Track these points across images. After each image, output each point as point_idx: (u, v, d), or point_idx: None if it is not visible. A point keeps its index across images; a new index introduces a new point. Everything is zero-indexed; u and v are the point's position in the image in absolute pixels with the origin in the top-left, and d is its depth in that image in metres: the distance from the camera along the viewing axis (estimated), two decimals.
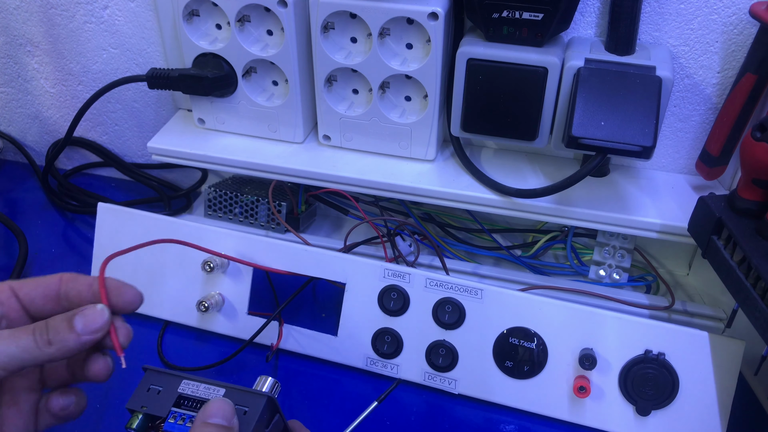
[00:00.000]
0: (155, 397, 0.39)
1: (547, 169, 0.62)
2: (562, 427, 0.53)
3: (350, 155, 0.64)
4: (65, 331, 0.37)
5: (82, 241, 0.72)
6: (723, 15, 0.54)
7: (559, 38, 0.56)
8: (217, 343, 0.59)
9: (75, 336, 0.37)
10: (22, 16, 0.72)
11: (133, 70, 0.73)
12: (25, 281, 0.41)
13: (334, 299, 0.61)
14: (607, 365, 0.52)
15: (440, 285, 0.54)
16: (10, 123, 0.82)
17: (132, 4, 0.68)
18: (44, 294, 0.40)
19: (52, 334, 0.37)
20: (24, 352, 0.36)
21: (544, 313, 0.52)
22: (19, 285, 0.40)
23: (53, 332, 0.37)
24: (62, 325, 0.37)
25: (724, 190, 0.60)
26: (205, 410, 0.37)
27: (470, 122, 0.58)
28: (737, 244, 0.45)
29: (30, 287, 0.40)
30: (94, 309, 0.38)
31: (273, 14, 0.58)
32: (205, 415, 0.37)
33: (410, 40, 0.57)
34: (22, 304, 0.40)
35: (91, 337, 0.38)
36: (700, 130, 0.60)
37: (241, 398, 0.39)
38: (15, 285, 0.40)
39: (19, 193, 0.79)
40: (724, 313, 0.60)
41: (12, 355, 0.36)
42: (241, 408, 0.38)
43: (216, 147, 0.65)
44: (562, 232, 0.66)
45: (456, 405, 0.55)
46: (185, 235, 0.58)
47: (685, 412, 0.51)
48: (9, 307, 0.40)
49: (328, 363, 0.58)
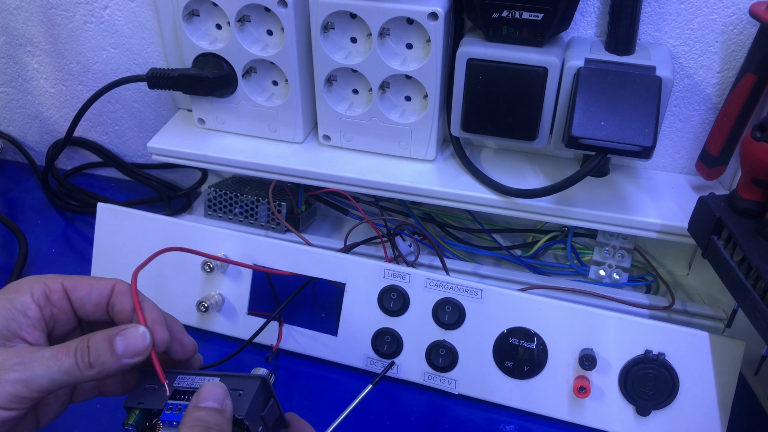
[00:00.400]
0: (152, 393, 0.39)
1: (547, 169, 0.62)
2: (562, 427, 0.53)
3: (350, 155, 0.64)
4: (106, 354, 0.36)
5: (82, 241, 0.72)
6: (723, 15, 0.54)
7: (559, 38, 0.56)
8: (217, 343, 0.59)
9: (116, 359, 0.36)
10: (22, 16, 0.72)
11: (133, 70, 0.73)
12: (79, 281, 0.40)
13: (334, 299, 0.61)
14: (607, 365, 0.52)
15: (440, 285, 0.54)
16: (10, 123, 0.82)
17: (132, 4, 0.68)
18: (96, 301, 0.40)
19: (94, 357, 0.36)
20: (65, 375, 0.36)
21: (544, 313, 0.52)
22: (72, 286, 0.40)
23: (94, 354, 0.36)
24: (103, 347, 0.36)
25: (724, 190, 0.60)
26: (198, 395, 0.36)
27: (470, 122, 0.58)
28: (737, 244, 0.45)
29: (84, 291, 0.40)
30: (135, 331, 0.38)
31: (273, 14, 0.58)
32: (198, 399, 0.36)
33: (410, 40, 0.57)
34: (72, 307, 0.40)
35: (132, 360, 0.37)
36: (700, 130, 0.60)
37: (235, 383, 0.39)
38: (69, 285, 0.40)
39: (19, 193, 0.79)
40: (724, 313, 0.60)
41: (53, 379, 0.35)
42: (235, 391, 0.38)
43: (216, 147, 0.65)
44: (562, 232, 0.66)
45: (456, 405, 0.55)
46: (185, 235, 0.58)
47: (685, 412, 0.51)
48: (59, 309, 0.39)
49: (328, 363, 0.58)
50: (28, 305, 0.38)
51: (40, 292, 0.38)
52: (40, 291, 0.38)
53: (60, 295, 0.39)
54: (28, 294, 0.38)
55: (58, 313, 0.39)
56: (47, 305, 0.38)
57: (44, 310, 0.38)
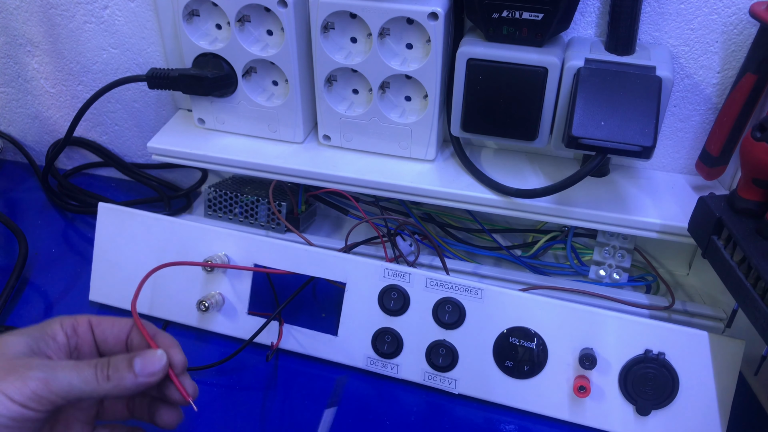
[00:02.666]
0: None
1: (547, 169, 0.62)
2: (562, 427, 0.53)
3: (350, 155, 0.64)
4: (124, 369, 0.40)
5: (82, 241, 0.72)
6: (723, 15, 0.54)
7: (559, 38, 0.56)
8: (217, 343, 0.59)
9: (132, 376, 0.40)
10: (22, 16, 0.72)
11: (133, 70, 0.73)
12: (104, 319, 0.44)
13: (334, 299, 0.61)
14: (607, 365, 0.52)
15: (440, 285, 0.54)
16: (10, 123, 0.82)
17: (132, 4, 0.68)
18: (116, 336, 0.44)
19: (112, 371, 0.39)
20: (83, 383, 0.38)
21: (544, 313, 0.52)
22: (97, 322, 0.44)
23: (113, 369, 0.39)
24: (122, 364, 0.40)
25: (724, 190, 0.60)
26: None
27: (470, 122, 0.58)
28: (737, 244, 0.45)
29: (106, 326, 0.44)
30: (153, 353, 0.41)
31: (273, 14, 0.58)
32: None
33: (410, 40, 0.57)
34: (95, 340, 0.43)
35: (148, 380, 0.40)
36: (700, 130, 0.60)
37: None
38: (94, 321, 0.44)
39: (19, 193, 0.79)
40: (724, 313, 0.60)
41: (72, 384, 0.38)
42: None
43: (216, 147, 0.65)
44: (562, 232, 0.66)
45: (456, 405, 0.55)
46: (185, 235, 0.58)
47: (685, 412, 0.51)
48: (84, 340, 0.43)
49: (328, 363, 0.58)
50: (56, 332, 0.42)
51: (69, 324, 0.43)
52: (69, 323, 0.43)
53: (85, 327, 0.43)
54: (58, 324, 0.42)
55: (82, 344, 0.43)
56: (74, 336, 0.43)
57: (70, 340, 0.42)
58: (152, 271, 0.51)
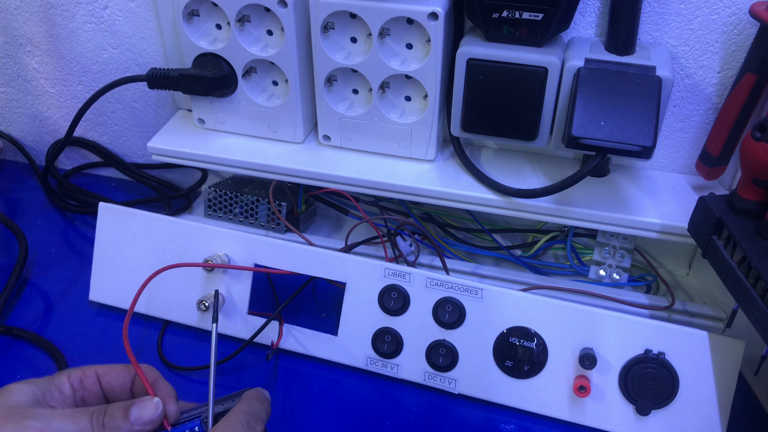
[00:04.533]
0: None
1: (547, 169, 0.62)
2: (562, 426, 0.53)
3: (350, 155, 0.64)
4: (120, 418, 0.40)
5: (82, 241, 0.72)
6: (723, 15, 0.54)
7: (559, 38, 0.56)
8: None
9: (128, 425, 0.40)
10: (22, 16, 0.72)
11: (133, 70, 0.73)
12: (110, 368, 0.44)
13: (334, 299, 0.61)
14: (607, 365, 0.52)
15: (440, 285, 0.54)
16: (10, 123, 0.82)
17: (132, 4, 0.68)
18: (122, 384, 0.44)
19: (108, 420, 0.39)
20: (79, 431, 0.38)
21: (544, 313, 0.52)
22: (103, 371, 0.44)
23: (109, 417, 0.39)
24: (119, 413, 0.40)
25: (724, 190, 0.60)
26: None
27: (470, 122, 0.58)
28: (737, 244, 0.45)
29: (112, 375, 0.44)
30: (150, 401, 0.41)
31: (273, 14, 0.58)
32: None
33: (410, 40, 0.57)
34: (102, 390, 0.43)
35: (143, 428, 0.40)
36: (700, 130, 0.60)
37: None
38: (100, 371, 0.44)
39: (19, 193, 0.79)
40: (724, 313, 0.60)
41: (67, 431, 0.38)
42: None
43: (216, 147, 0.65)
44: (562, 232, 0.66)
45: (456, 405, 0.55)
46: (186, 235, 0.58)
47: (685, 412, 0.51)
48: (91, 392, 0.43)
49: (328, 363, 0.58)
50: (63, 383, 0.42)
51: (76, 376, 0.43)
52: (77, 375, 0.43)
53: (93, 380, 0.43)
54: (66, 376, 0.42)
55: (89, 395, 0.43)
56: (80, 389, 0.42)
57: (77, 393, 0.42)
58: (151, 277, 0.50)
